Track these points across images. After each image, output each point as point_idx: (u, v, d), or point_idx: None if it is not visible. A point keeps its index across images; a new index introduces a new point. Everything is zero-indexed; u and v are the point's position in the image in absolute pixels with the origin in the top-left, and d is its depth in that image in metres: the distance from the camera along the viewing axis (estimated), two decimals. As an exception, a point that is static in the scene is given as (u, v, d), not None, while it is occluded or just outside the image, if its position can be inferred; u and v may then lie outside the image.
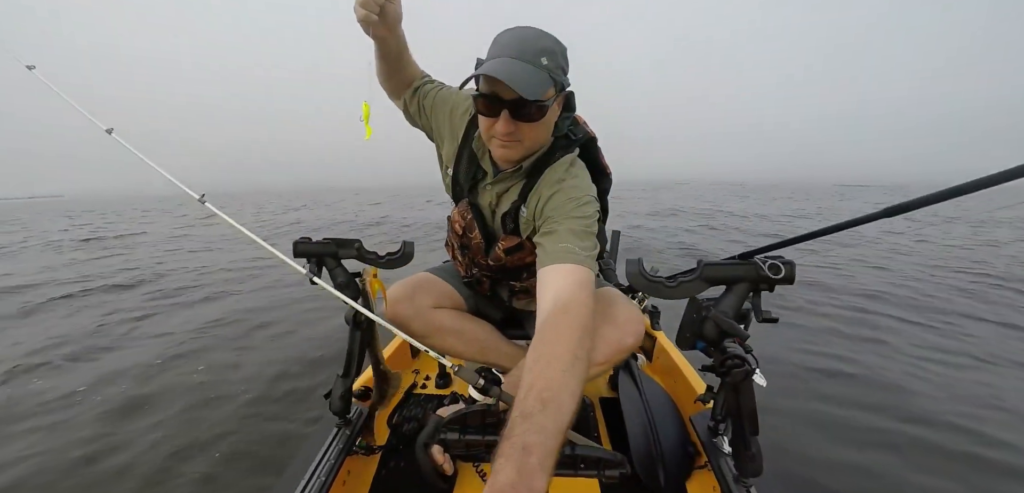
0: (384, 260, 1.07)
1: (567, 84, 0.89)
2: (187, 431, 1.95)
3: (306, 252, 1.01)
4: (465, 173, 1.06)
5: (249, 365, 2.66)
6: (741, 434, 0.84)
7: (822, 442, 1.84)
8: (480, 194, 1.07)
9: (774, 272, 0.76)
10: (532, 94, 0.79)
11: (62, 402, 2.23)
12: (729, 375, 0.78)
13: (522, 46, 0.82)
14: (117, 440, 1.90)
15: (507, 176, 1.00)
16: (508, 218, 1.03)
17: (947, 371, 2.54)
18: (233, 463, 1.75)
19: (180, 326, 3.44)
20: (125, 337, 3.25)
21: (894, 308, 3.65)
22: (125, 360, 2.77)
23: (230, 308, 3.92)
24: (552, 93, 0.85)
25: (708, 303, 0.83)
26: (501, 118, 0.85)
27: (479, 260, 1.14)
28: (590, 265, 0.83)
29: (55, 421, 2.06)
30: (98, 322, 3.63)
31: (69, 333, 3.32)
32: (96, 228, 12.75)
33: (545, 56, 0.82)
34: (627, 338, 0.98)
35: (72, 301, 4.36)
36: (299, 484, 0.87)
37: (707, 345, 0.84)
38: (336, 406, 1.05)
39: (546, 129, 0.92)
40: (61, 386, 2.40)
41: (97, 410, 2.14)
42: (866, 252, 6.06)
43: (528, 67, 0.80)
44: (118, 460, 1.77)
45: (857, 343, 2.95)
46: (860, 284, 4.39)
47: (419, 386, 1.53)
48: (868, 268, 5.13)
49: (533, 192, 0.97)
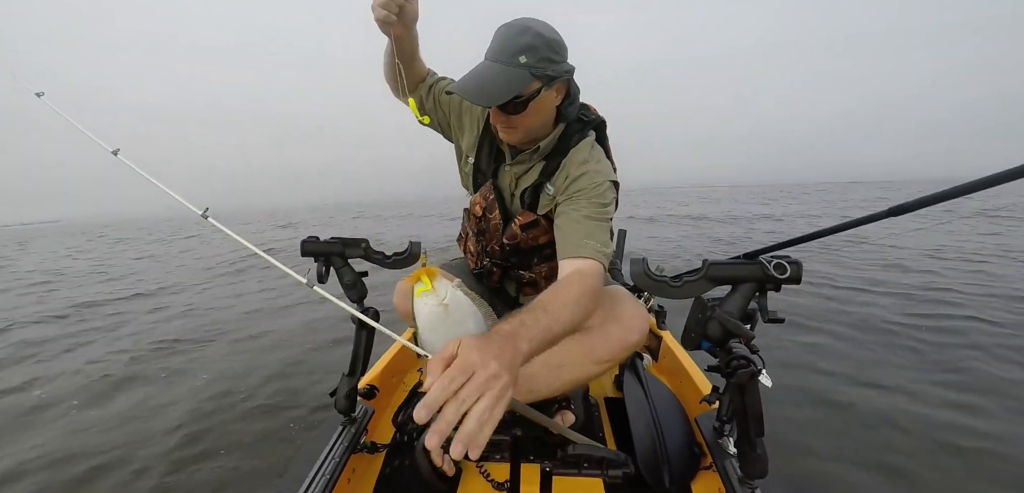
0: (391, 260, 1.07)
1: (559, 73, 0.93)
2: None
3: (313, 251, 1.02)
4: (486, 158, 1.13)
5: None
6: (746, 435, 0.84)
7: (824, 443, 1.82)
8: (500, 177, 1.13)
9: (780, 272, 0.75)
10: (499, 97, 0.86)
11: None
12: (735, 376, 0.77)
13: (503, 46, 0.88)
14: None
15: (526, 157, 1.06)
16: (527, 195, 1.08)
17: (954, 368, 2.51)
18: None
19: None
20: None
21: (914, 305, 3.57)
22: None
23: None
24: (535, 85, 0.90)
25: (713, 303, 0.82)
26: (491, 111, 0.98)
27: (494, 244, 1.17)
28: (602, 259, 0.91)
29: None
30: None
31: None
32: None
33: (524, 53, 0.87)
34: (632, 336, 0.99)
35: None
36: (304, 481, 0.88)
37: (712, 345, 0.83)
38: (341, 404, 1.06)
39: (539, 115, 0.98)
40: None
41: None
42: (869, 254, 5.96)
43: (502, 69, 0.87)
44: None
45: (863, 344, 2.92)
46: (866, 281, 4.33)
47: (424, 384, 1.53)
48: (876, 266, 5.05)
49: (560, 171, 1.03)
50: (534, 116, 0.96)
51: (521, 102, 0.90)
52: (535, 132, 1.01)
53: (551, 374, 1.04)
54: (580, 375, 1.03)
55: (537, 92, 0.91)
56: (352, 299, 1.05)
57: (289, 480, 0.90)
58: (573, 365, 1.01)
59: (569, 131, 1.04)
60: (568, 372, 1.02)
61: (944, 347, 2.70)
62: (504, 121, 0.97)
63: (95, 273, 7.73)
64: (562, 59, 0.94)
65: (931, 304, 3.55)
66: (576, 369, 1.02)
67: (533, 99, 0.91)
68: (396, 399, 1.45)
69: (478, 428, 0.54)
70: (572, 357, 1.01)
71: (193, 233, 15.12)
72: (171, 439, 1.97)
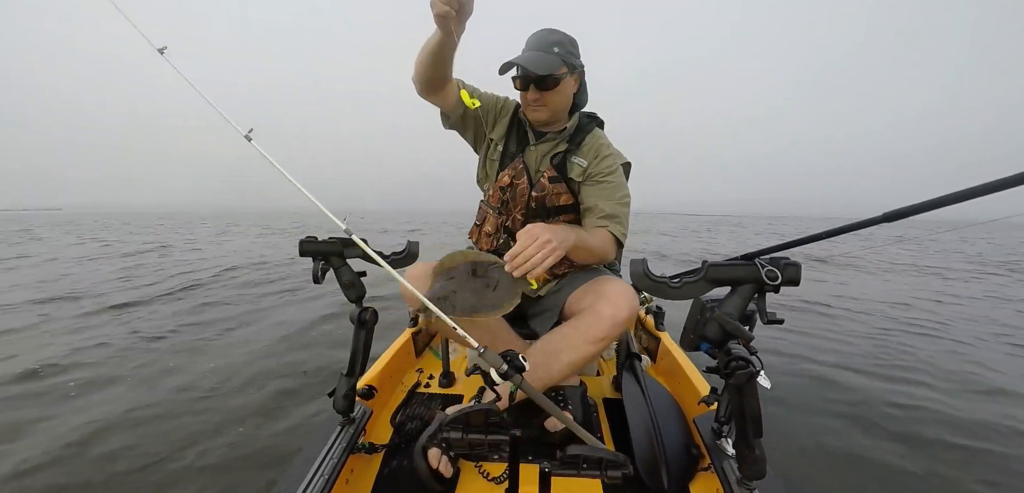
0: (389, 259, 1.07)
1: (578, 65, 1.22)
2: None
3: (312, 251, 1.02)
4: (515, 141, 1.33)
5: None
6: (745, 436, 0.84)
7: (825, 444, 1.82)
8: (527, 155, 1.31)
9: (778, 273, 0.76)
10: (544, 71, 1.14)
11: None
12: (733, 377, 0.77)
13: (540, 40, 1.18)
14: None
15: (550, 138, 1.29)
16: (557, 160, 1.28)
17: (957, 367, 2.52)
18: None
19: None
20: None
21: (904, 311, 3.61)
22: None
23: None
24: (564, 70, 1.18)
25: (712, 304, 0.82)
26: (530, 89, 1.19)
27: (518, 212, 1.32)
28: (621, 238, 1.21)
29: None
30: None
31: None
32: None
33: (557, 46, 1.16)
34: (622, 312, 1.08)
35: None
36: (302, 482, 0.88)
37: (711, 346, 0.83)
38: (340, 404, 1.06)
39: (563, 97, 1.22)
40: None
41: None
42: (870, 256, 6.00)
43: (542, 55, 1.15)
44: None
45: (864, 342, 2.93)
46: (866, 286, 4.35)
47: (422, 385, 1.53)
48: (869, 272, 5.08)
49: (589, 147, 1.28)
50: (560, 96, 1.21)
51: (554, 80, 1.17)
52: (558, 112, 1.25)
53: (550, 360, 1.10)
54: (578, 357, 1.10)
55: (564, 76, 1.18)
56: (350, 299, 1.05)
57: (288, 480, 0.89)
58: (570, 348, 1.10)
59: (584, 120, 1.31)
60: (566, 355, 1.10)
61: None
62: (537, 98, 1.20)
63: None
64: (579, 55, 1.22)
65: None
66: (573, 351, 1.09)
67: (562, 81, 1.18)
68: (395, 399, 1.44)
69: (539, 259, 0.91)
70: (567, 341, 1.10)
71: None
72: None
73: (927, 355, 2.92)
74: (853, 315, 3.96)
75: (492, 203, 1.34)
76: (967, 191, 0.64)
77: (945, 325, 3.71)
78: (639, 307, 1.17)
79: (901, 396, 2.27)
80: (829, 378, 2.48)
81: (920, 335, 3.39)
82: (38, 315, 3.80)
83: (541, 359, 1.11)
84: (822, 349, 2.97)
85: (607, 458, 1.01)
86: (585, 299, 1.17)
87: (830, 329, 3.47)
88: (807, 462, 1.69)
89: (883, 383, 2.44)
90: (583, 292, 1.19)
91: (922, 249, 9.35)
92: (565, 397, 1.22)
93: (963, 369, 2.69)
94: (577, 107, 1.31)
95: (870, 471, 1.67)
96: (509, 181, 1.29)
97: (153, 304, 4.26)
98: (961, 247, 12.50)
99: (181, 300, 4.47)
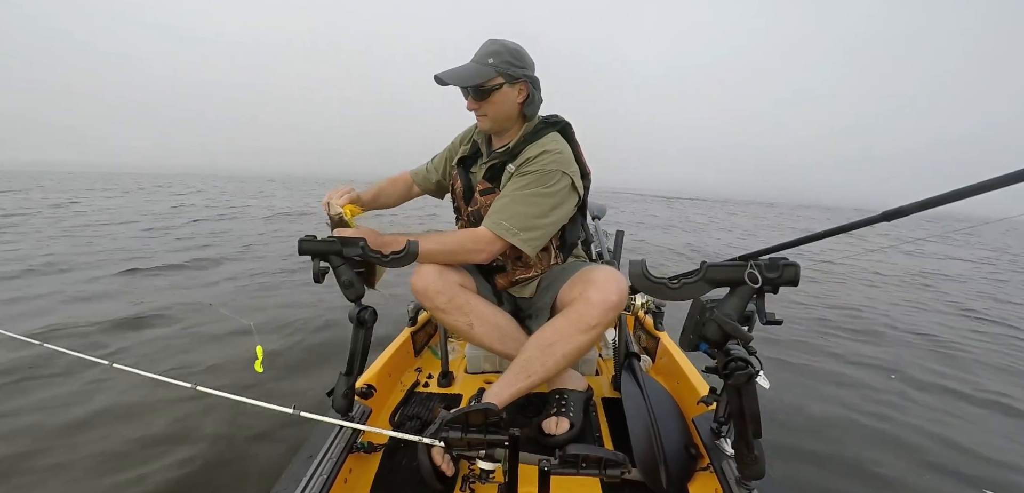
0: (388, 259, 1.07)
1: (519, 75, 1.19)
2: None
3: (311, 251, 1.01)
4: (468, 158, 1.40)
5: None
6: (744, 436, 0.84)
7: (824, 444, 1.83)
8: (474, 170, 1.38)
9: (777, 273, 0.76)
10: (467, 80, 1.16)
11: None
12: (732, 377, 0.77)
13: (478, 53, 1.18)
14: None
15: (498, 154, 1.28)
16: (489, 172, 1.30)
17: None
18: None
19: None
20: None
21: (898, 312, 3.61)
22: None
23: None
24: (499, 80, 1.17)
25: (711, 304, 0.82)
26: (469, 99, 1.22)
27: (461, 224, 1.40)
28: (502, 232, 1.15)
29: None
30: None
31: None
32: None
33: (492, 56, 1.16)
34: (611, 296, 1.09)
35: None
36: (301, 481, 0.88)
37: (710, 347, 0.83)
38: (339, 404, 1.05)
39: (503, 106, 1.22)
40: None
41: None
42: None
43: (474, 66, 1.16)
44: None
45: (859, 343, 2.94)
46: (862, 286, 4.36)
47: (421, 385, 1.53)
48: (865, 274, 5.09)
49: (528, 152, 1.23)
50: (497, 105, 1.21)
51: (485, 90, 1.18)
52: (502, 121, 1.25)
53: (544, 354, 1.11)
54: (572, 348, 1.10)
55: (499, 86, 1.18)
56: (349, 298, 1.04)
57: (286, 480, 0.89)
58: (563, 339, 1.10)
59: (535, 129, 1.26)
60: (560, 346, 1.10)
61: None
62: (475, 108, 1.22)
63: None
64: (523, 66, 1.19)
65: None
66: (566, 342, 1.10)
67: (496, 91, 1.18)
68: (393, 399, 1.44)
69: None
70: (560, 332, 1.10)
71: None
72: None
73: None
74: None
75: (454, 210, 1.48)
76: (974, 186, 0.63)
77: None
78: (628, 293, 1.17)
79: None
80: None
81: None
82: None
83: (536, 354, 1.11)
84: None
85: (606, 457, 1.00)
86: (574, 289, 1.17)
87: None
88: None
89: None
90: (572, 283, 1.19)
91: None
92: (566, 400, 1.23)
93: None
94: (527, 118, 1.27)
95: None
96: (455, 193, 1.42)
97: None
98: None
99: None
